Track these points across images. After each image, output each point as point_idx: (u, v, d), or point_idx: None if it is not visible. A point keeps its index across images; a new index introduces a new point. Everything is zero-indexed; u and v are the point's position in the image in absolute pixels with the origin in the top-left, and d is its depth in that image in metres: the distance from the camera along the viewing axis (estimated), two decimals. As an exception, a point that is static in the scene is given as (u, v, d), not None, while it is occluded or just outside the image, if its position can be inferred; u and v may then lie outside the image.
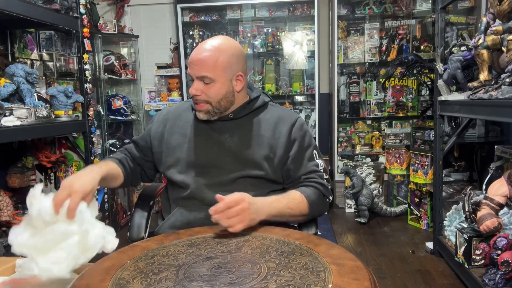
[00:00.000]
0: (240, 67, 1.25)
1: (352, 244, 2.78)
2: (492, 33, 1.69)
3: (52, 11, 2.42)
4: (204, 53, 1.19)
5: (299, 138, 1.28)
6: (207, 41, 1.23)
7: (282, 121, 1.29)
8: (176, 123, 1.33)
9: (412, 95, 3.62)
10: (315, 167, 1.28)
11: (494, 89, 1.66)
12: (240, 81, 1.25)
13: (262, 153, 1.24)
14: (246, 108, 1.29)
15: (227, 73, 1.21)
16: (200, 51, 1.20)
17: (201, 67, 1.19)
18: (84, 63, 2.74)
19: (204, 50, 1.20)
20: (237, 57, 1.23)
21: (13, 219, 2.37)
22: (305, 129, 1.32)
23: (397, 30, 3.64)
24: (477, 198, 1.86)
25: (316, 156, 1.30)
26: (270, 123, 1.29)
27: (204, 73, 1.19)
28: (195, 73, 1.21)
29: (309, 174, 1.26)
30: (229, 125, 1.28)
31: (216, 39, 1.24)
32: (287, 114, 1.32)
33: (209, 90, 1.21)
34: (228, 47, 1.22)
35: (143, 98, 3.95)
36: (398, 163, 3.36)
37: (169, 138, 1.31)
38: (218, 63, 1.19)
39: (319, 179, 1.26)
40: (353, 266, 0.81)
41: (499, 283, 1.70)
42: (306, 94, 3.88)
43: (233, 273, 0.79)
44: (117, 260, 0.90)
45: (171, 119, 1.35)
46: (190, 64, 1.22)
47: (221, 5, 3.73)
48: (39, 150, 2.74)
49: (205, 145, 1.27)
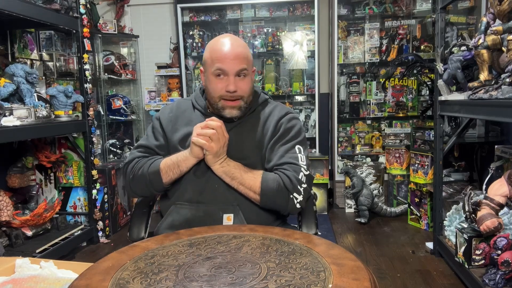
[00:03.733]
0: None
1: (352, 244, 2.78)
2: (492, 33, 1.69)
3: (52, 11, 2.43)
4: (239, 49, 1.20)
5: (284, 128, 1.27)
6: (226, 37, 1.23)
7: (272, 115, 1.30)
8: (179, 121, 1.32)
9: (412, 95, 3.62)
10: (293, 159, 1.21)
11: (494, 89, 1.66)
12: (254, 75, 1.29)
13: (251, 151, 1.25)
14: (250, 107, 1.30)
15: (252, 68, 1.26)
16: (231, 46, 1.20)
17: (240, 60, 1.19)
18: (84, 63, 2.75)
19: (237, 46, 1.20)
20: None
21: (13, 219, 2.37)
22: (294, 123, 1.29)
23: (397, 30, 3.64)
24: (477, 198, 1.86)
25: (300, 151, 1.24)
26: (262, 119, 1.29)
27: (244, 66, 1.20)
28: (234, 68, 1.19)
29: (281, 166, 1.21)
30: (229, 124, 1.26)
31: (233, 36, 1.25)
32: (280, 108, 1.33)
33: (244, 84, 1.22)
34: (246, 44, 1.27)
35: (143, 98, 3.95)
36: (398, 163, 3.36)
37: (173, 136, 1.30)
38: (249, 57, 1.23)
39: (289, 171, 1.18)
40: (353, 266, 0.81)
41: (499, 283, 1.70)
42: (306, 94, 3.88)
43: (233, 273, 0.79)
44: (117, 260, 0.90)
45: (175, 116, 1.33)
46: (225, 60, 1.18)
47: (221, 5, 3.73)
48: (39, 150, 2.74)
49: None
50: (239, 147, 1.24)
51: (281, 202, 1.19)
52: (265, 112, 1.31)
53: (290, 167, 1.20)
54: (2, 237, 2.37)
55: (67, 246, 2.57)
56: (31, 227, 2.49)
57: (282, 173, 1.19)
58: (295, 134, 1.27)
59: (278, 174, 1.19)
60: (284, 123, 1.27)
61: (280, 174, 1.19)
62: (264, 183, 1.17)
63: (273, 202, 1.19)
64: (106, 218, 2.98)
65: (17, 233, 2.40)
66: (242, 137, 1.26)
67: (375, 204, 3.24)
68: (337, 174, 3.62)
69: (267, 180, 1.18)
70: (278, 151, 1.23)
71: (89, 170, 2.82)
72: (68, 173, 2.95)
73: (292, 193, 1.17)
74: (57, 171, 2.94)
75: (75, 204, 2.99)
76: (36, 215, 2.44)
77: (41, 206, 2.47)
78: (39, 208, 2.45)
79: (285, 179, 1.18)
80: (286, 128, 1.26)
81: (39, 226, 2.55)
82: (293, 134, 1.26)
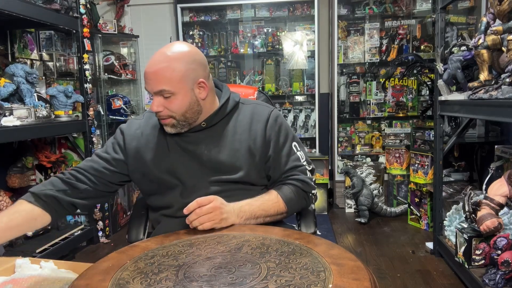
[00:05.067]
0: (201, 72, 1.14)
1: (352, 244, 2.78)
2: (492, 33, 1.69)
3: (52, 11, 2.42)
4: (158, 65, 1.08)
5: (275, 135, 1.22)
6: (159, 50, 1.11)
7: (255, 119, 1.22)
8: (149, 139, 1.22)
9: (412, 95, 3.62)
10: (296, 162, 1.22)
11: (494, 89, 1.66)
12: (204, 88, 1.15)
13: (242, 159, 1.18)
14: (218, 114, 1.20)
15: (187, 82, 1.10)
16: (153, 64, 1.09)
17: (157, 81, 1.08)
18: (84, 63, 2.75)
19: (157, 62, 1.09)
20: (194, 63, 1.12)
21: (13, 219, 2.36)
22: (280, 122, 1.24)
23: (397, 30, 3.64)
24: (477, 198, 1.86)
25: (297, 148, 1.24)
26: (245, 124, 1.21)
27: (161, 87, 1.08)
28: (152, 89, 1.10)
29: (290, 172, 1.22)
30: (203, 135, 1.19)
31: (169, 46, 1.12)
32: (260, 110, 1.25)
33: (171, 104, 1.11)
34: (182, 54, 1.11)
35: (143, 98, 3.95)
36: (398, 163, 3.36)
37: (143, 156, 1.20)
38: (174, 74, 1.08)
39: (300, 174, 1.21)
40: (353, 266, 0.81)
41: (499, 283, 1.70)
42: (306, 94, 3.88)
43: (233, 273, 0.79)
44: (117, 260, 0.90)
45: (144, 135, 1.23)
46: (145, 79, 1.11)
47: (221, 5, 3.73)
48: (39, 150, 2.74)
49: (185, 160, 1.18)
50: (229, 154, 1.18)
51: (303, 204, 1.26)
52: (244, 116, 1.23)
53: (297, 171, 1.22)
54: (2, 237, 2.36)
55: (67, 246, 2.57)
56: (31, 227, 2.49)
57: (294, 180, 1.22)
58: (286, 134, 1.25)
59: (291, 183, 1.21)
60: (273, 129, 1.22)
61: (293, 181, 1.21)
62: (287, 200, 1.19)
63: (297, 208, 1.26)
64: (106, 218, 2.98)
65: (17, 233, 2.40)
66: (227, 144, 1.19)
67: (375, 204, 3.24)
68: (337, 174, 3.62)
69: (286, 195, 1.19)
70: (281, 159, 1.23)
71: (89, 170, 2.82)
72: (68, 173, 2.94)
73: (310, 192, 1.25)
74: (57, 171, 2.94)
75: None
76: (36, 215, 2.43)
77: (41, 206, 2.46)
78: (39, 208, 2.45)
79: (300, 184, 1.21)
80: (277, 133, 1.23)
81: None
82: (284, 136, 1.24)
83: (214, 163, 1.17)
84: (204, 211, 1.04)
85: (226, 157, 1.18)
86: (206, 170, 1.17)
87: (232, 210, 1.10)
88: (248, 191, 1.19)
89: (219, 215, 1.05)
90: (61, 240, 2.54)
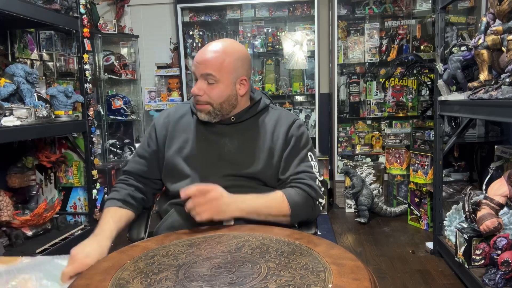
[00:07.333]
0: (245, 71, 1.24)
1: (352, 244, 2.78)
2: (492, 33, 1.69)
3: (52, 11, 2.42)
4: (210, 54, 1.18)
5: (295, 137, 1.27)
6: (212, 42, 1.22)
7: (280, 123, 1.28)
8: (176, 127, 1.30)
9: (412, 95, 3.62)
10: (308, 168, 1.24)
11: (494, 89, 1.66)
12: (244, 85, 1.24)
13: (261, 157, 1.23)
14: (248, 112, 1.28)
15: (232, 75, 1.20)
16: (206, 52, 1.19)
17: (207, 66, 1.17)
18: (84, 63, 2.75)
19: (210, 51, 1.19)
20: (243, 61, 1.23)
21: (13, 219, 2.37)
22: (303, 130, 1.30)
23: (397, 30, 3.64)
24: (477, 198, 1.86)
25: (312, 158, 1.27)
26: (270, 126, 1.28)
27: (209, 71, 1.17)
28: (199, 71, 1.19)
29: (298, 175, 1.23)
30: (229, 129, 1.26)
31: (222, 41, 1.22)
32: (285, 115, 1.31)
33: (212, 91, 1.19)
34: (234, 50, 1.21)
35: (143, 98, 3.96)
36: (398, 163, 3.36)
37: (170, 143, 1.28)
38: (224, 65, 1.18)
39: (308, 180, 1.22)
40: (353, 266, 0.81)
41: (499, 283, 1.70)
42: (306, 94, 3.88)
43: (233, 273, 0.79)
44: (117, 260, 0.90)
45: (172, 122, 1.32)
46: (195, 64, 1.20)
47: (221, 5, 3.73)
48: (39, 150, 2.74)
49: (205, 150, 1.25)
50: (250, 151, 1.24)
51: (309, 212, 1.22)
52: (270, 118, 1.30)
53: (307, 176, 1.22)
54: (2, 237, 2.37)
55: (67, 246, 2.57)
56: (31, 227, 2.49)
57: (301, 183, 1.21)
58: (305, 142, 1.29)
59: (299, 186, 1.21)
60: (295, 133, 1.27)
61: (300, 185, 1.21)
62: (292, 202, 1.17)
63: (303, 215, 1.21)
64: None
65: (17, 233, 2.40)
66: (250, 141, 1.25)
67: (375, 204, 3.24)
68: (337, 174, 3.62)
69: (292, 197, 1.18)
70: (294, 161, 1.25)
71: (89, 170, 2.82)
72: (68, 173, 2.95)
73: (317, 200, 1.22)
74: (57, 171, 2.94)
75: (75, 204, 2.99)
76: (36, 215, 2.44)
77: (41, 206, 2.47)
78: (39, 208, 2.45)
79: (308, 189, 1.20)
80: (297, 137, 1.27)
81: (39, 226, 2.55)
82: (304, 143, 1.28)
83: (233, 156, 1.23)
84: (202, 202, 1.05)
85: (246, 152, 1.23)
86: (223, 162, 1.23)
87: (233, 201, 1.11)
88: (258, 190, 1.20)
89: (216, 206, 1.07)
90: (61, 240, 2.55)
